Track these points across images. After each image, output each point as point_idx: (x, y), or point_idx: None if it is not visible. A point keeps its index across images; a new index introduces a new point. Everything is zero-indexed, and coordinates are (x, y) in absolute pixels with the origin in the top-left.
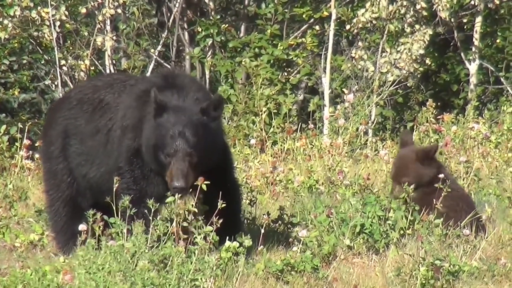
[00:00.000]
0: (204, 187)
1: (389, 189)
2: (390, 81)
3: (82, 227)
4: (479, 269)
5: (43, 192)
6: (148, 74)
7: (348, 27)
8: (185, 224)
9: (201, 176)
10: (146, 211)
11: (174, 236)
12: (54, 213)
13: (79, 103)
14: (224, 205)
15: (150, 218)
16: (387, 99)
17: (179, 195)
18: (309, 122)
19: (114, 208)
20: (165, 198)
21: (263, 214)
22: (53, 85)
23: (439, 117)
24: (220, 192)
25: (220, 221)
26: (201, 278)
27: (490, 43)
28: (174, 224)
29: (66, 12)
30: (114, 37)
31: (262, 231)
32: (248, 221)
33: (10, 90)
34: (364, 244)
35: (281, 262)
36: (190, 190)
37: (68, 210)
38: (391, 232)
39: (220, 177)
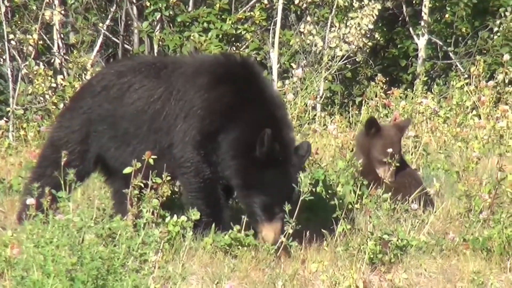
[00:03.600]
0: (151, 161)
1: (338, 164)
2: (339, 56)
3: (30, 201)
4: (427, 244)
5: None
6: (96, 49)
7: (296, 1)
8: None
9: None
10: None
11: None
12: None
13: (104, 89)
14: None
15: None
16: (336, 74)
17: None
18: None
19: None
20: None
21: None
22: (1, 60)
23: (388, 92)
24: None
25: (167, 193)
26: (149, 252)
27: (439, 18)
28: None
29: None
30: (63, 12)
31: None
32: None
33: None
34: (312, 218)
35: (229, 236)
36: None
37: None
38: (339, 206)
39: None
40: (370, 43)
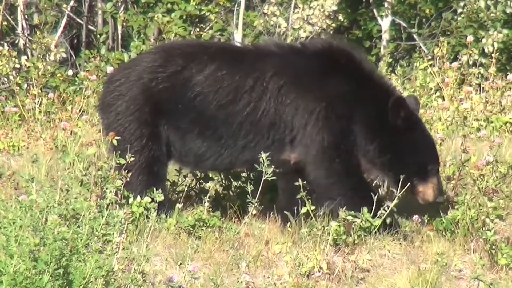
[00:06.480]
0: (115, 142)
1: None
2: (302, 37)
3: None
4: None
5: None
6: (60, 30)
7: None
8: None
9: None
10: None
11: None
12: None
13: (172, 74)
14: None
15: None
16: None
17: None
18: None
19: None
20: None
21: (175, 169)
22: None
23: None
24: None
25: (129, 174)
26: (112, 233)
27: None
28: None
29: None
30: None
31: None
32: None
33: None
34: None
35: (193, 217)
36: None
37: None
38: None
39: None
40: (333, 25)
